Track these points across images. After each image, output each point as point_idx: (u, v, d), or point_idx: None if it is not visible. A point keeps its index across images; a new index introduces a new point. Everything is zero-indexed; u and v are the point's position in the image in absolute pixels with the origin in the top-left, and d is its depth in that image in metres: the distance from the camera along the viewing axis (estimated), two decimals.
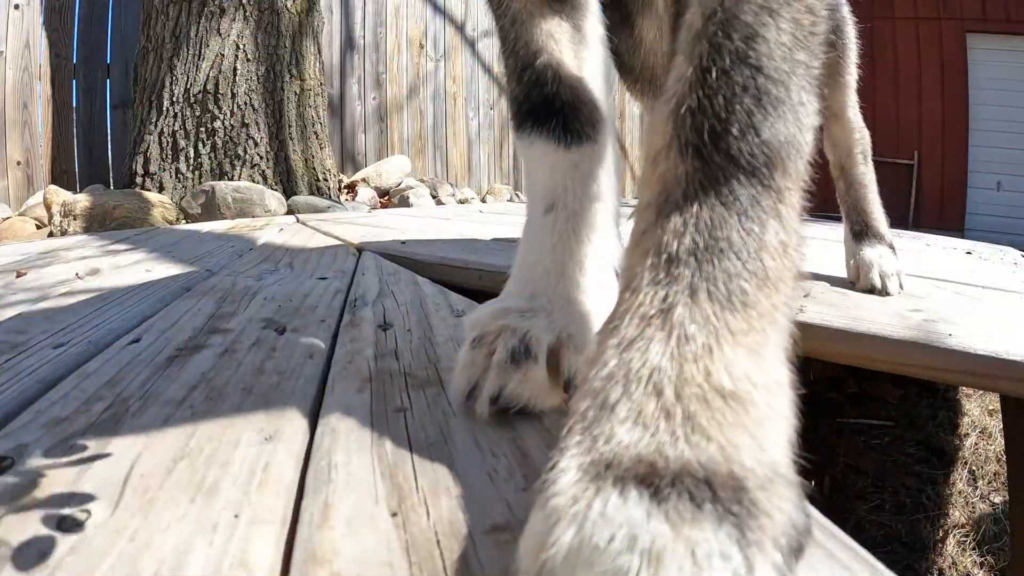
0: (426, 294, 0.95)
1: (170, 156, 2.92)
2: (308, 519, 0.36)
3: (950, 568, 1.39)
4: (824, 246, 1.63)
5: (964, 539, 1.48)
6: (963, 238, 3.93)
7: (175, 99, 2.93)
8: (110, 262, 1.26)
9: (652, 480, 0.28)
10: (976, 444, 1.93)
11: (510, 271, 0.62)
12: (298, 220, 2.16)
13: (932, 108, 6.69)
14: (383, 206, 3.83)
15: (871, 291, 1.06)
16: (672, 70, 0.42)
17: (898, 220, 2.31)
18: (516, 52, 0.66)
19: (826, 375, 2.30)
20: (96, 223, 2.38)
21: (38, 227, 2.61)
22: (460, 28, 5.24)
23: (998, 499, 1.64)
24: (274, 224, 2.02)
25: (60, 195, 2.58)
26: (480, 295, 1.02)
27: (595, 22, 0.70)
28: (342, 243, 1.49)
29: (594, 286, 0.58)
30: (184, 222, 2.59)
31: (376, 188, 4.06)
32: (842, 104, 1.23)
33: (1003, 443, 1.60)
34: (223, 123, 2.98)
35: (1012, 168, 6.69)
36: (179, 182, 2.91)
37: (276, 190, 3.04)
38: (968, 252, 2.06)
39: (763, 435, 0.30)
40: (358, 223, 1.95)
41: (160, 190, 2.87)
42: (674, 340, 0.33)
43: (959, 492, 1.68)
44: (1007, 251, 2.20)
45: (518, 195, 5.47)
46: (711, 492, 0.27)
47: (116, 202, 2.48)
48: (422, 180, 4.53)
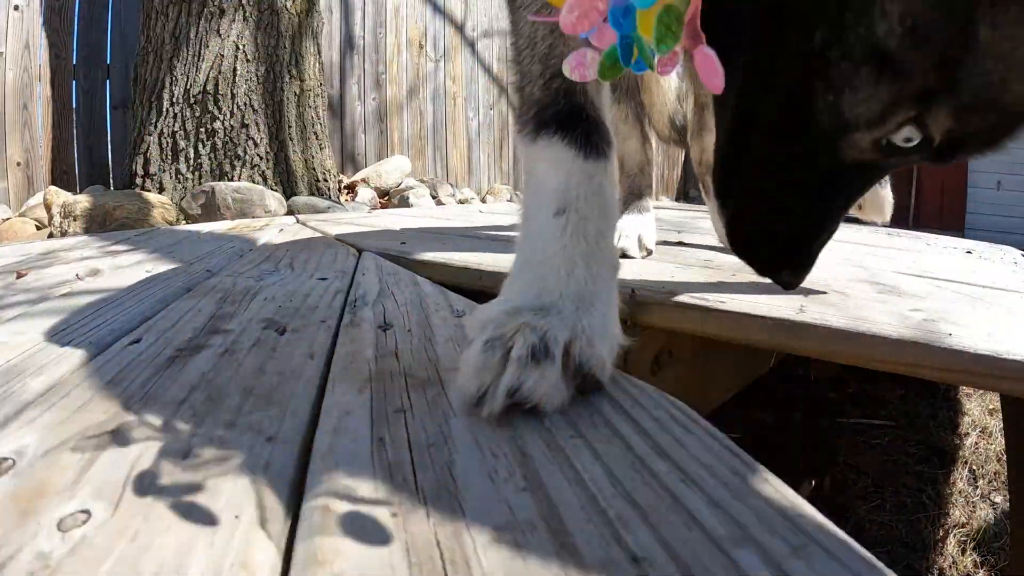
0: (426, 294, 0.95)
1: (170, 157, 2.92)
2: (308, 520, 0.36)
3: (950, 568, 1.39)
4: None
5: (964, 539, 1.48)
6: (963, 238, 3.93)
7: (175, 100, 2.93)
8: (110, 263, 1.26)
9: None
10: (976, 444, 1.93)
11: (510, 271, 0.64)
12: (298, 220, 2.16)
13: None
14: (383, 206, 3.83)
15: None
16: None
17: (898, 219, 2.31)
18: (547, 60, 0.70)
19: (826, 375, 2.30)
20: (96, 224, 2.38)
21: (38, 228, 2.61)
22: (460, 28, 5.24)
23: (998, 498, 1.64)
24: (274, 225, 2.02)
25: (60, 196, 2.58)
26: (480, 295, 1.02)
27: None
28: (342, 243, 1.49)
29: (600, 287, 0.61)
30: (184, 223, 2.59)
31: (376, 188, 4.06)
32: None
33: (1003, 442, 1.60)
34: (223, 124, 2.98)
35: (1012, 167, 6.69)
36: (179, 183, 2.91)
37: (276, 191, 3.04)
38: (968, 251, 2.05)
39: None
40: (358, 223, 1.95)
41: (160, 191, 2.87)
42: None
43: (959, 492, 1.68)
44: (1007, 250, 2.19)
45: (518, 195, 5.46)
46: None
47: (116, 203, 2.48)
48: (422, 180, 4.53)
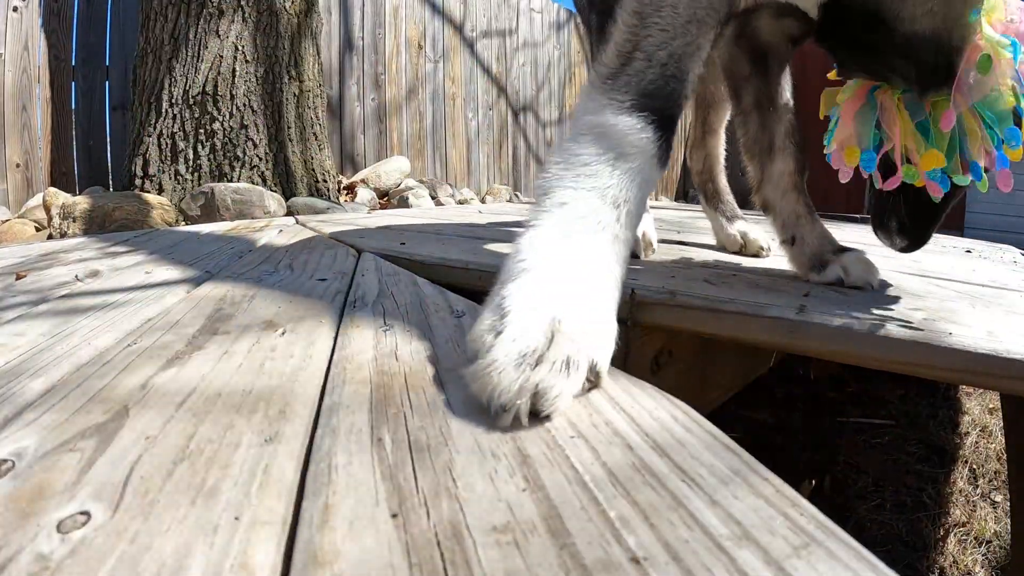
0: (426, 295, 0.95)
1: (169, 158, 2.92)
2: (309, 521, 0.36)
3: (951, 567, 1.39)
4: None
5: (965, 538, 1.48)
6: (963, 236, 3.93)
7: (174, 101, 2.93)
8: (110, 264, 1.26)
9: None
10: (977, 443, 1.93)
11: (521, 260, 0.59)
12: (297, 221, 2.16)
13: None
14: (382, 207, 3.83)
15: None
16: None
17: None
18: (666, 61, 0.70)
19: (826, 374, 2.30)
20: (96, 225, 2.38)
21: (37, 229, 2.61)
22: (459, 29, 5.24)
23: (999, 497, 1.64)
24: (274, 225, 2.02)
25: (59, 197, 2.58)
26: (479, 295, 1.02)
27: None
28: (341, 244, 1.49)
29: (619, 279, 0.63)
30: (184, 224, 2.59)
31: (375, 189, 4.06)
32: None
33: (1003, 441, 1.60)
34: (222, 125, 2.98)
35: (1011, 166, 6.68)
36: (178, 184, 2.91)
37: (275, 191, 3.04)
38: (968, 250, 2.05)
39: None
40: (357, 224, 1.95)
41: (159, 192, 2.87)
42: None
43: (960, 491, 1.68)
44: (1007, 249, 2.20)
45: (517, 195, 5.46)
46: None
47: (115, 204, 2.48)
48: (421, 181, 4.53)
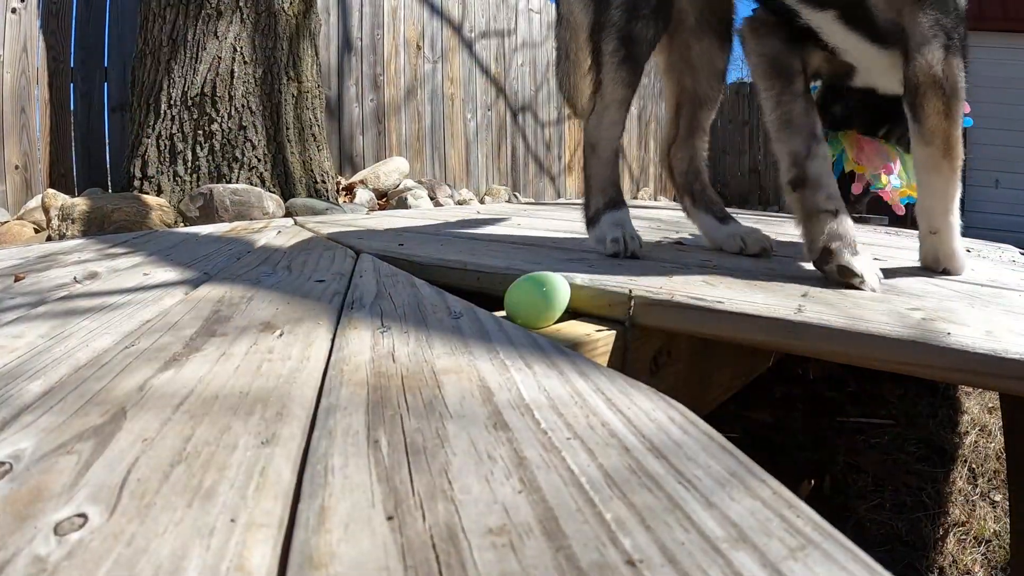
0: (424, 296, 0.95)
1: (168, 159, 2.92)
2: (305, 523, 0.36)
3: (950, 566, 1.39)
4: None
5: (964, 537, 1.48)
6: (962, 236, 3.92)
7: (172, 102, 2.93)
8: (108, 265, 1.26)
9: None
10: (976, 442, 1.93)
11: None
12: (296, 222, 2.16)
13: None
14: (381, 208, 3.83)
15: None
16: None
17: (898, 218, 2.31)
18: (801, 127, 1.22)
19: (826, 374, 2.30)
20: (94, 226, 2.38)
21: (36, 231, 2.61)
22: (457, 29, 5.24)
23: (998, 497, 1.64)
24: (272, 226, 2.02)
25: (58, 199, 2.58)
26: (478, 296, 1.02)
27: None
28: (339, 245, 1.49)
29: None
30: (182, 225, 2.59)
31: (374, 190, 4.06)
32: None
33: (1003, 441, 1.60)
34: (221, 126, 2.98)
35: (1010, 166, 6.70)
36: (177, 185, 2.91)
37: (274, 192, 3.03)
38: (967, 250, 2.05)
39: None
40: (356, 225, 1.95)
41: (158, 193, 2.87)
42: None
43: (959, 490, 1.68)
44: (1005, 248, 2.20)
45: (516, 196, 5.47)
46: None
47: (114, 205, 2.47)
48: (420, 181, 4.53)
